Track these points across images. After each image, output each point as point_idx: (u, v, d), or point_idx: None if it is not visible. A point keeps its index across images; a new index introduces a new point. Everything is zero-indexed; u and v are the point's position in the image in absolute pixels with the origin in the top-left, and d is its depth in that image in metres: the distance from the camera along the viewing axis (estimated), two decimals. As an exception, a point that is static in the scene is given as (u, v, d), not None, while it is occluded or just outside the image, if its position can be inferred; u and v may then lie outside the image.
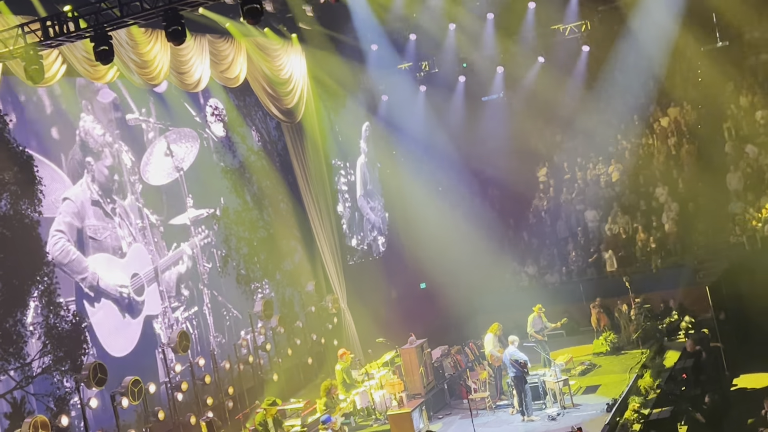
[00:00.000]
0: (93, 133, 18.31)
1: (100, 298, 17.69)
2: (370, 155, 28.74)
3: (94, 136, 18.33)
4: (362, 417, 19.89)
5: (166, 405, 18.05)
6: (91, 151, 18.21)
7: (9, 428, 14.76)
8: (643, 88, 29.44)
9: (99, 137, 18.45)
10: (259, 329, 21.75)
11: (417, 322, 23.02)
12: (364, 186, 27.55)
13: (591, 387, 20.26)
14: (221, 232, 21.80)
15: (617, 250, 26.71)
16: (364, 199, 27.38)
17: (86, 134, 18.12)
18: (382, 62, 27.92)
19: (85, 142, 18.05)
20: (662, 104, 30.01)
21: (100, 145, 18.45)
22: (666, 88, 29.90)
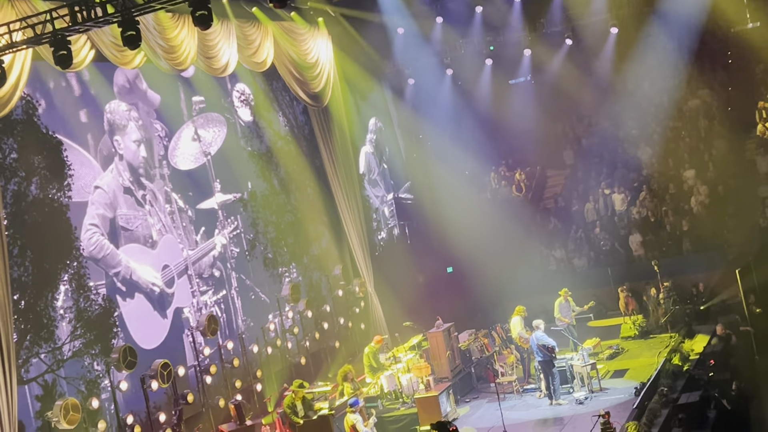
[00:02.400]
0: (118, 109, 18.38)
1: (133, 293, 17.83)
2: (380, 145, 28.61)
3: (119, 113, 18.39)
4: (389, 400, 19.95)
5: (195, 388, 18.20)
6: (118, 126, 18.29)
7: (41, 410, 14.94)
8: (672, 70, 29.12)
9: (124, 113, 18.51)
10: (286, 313, 21.85)
11: (444, 306, 23.03)
12: (369, 174, 27.53)
13: (619, 371, 20.21)
14: (248, 216, 21.88)
15: (646, 233, 26.55)
16: (368, 186, 27.37)
17: (112, 113, 18.21)
18: (408, 46, 27.82)
19: (111, 121, 18.15)
20: (691, 86, 29.68)
21: (125, 120, 18.50)
22: (695, 70, 29.57)
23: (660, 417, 16.37)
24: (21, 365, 14.73)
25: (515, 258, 26.41)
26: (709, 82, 29.53)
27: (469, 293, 25.57)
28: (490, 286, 25.23)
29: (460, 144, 28.71)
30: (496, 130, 29.76)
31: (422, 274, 27.43)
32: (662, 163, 28.38)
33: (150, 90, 19.34)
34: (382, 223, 27.92)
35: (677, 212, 26.51)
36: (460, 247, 26.16)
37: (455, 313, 22.52)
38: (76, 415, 14.46)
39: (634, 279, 24.81)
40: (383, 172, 28.54)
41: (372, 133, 28.24)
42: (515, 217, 28.27)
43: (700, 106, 29.11)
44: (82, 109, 17.63)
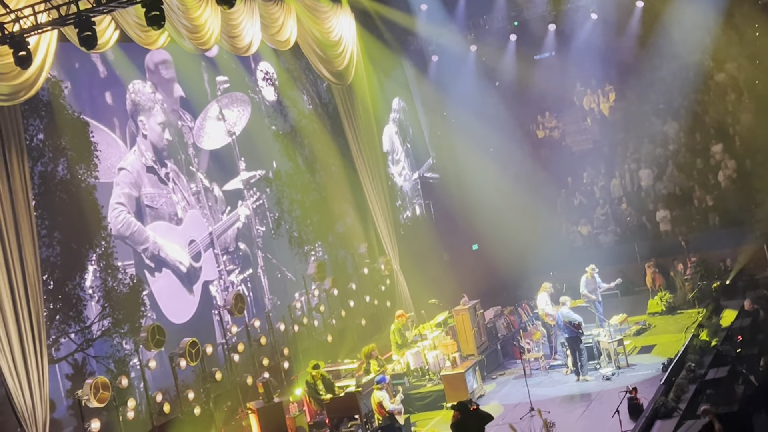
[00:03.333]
0: (143, 90, 18.46)
1: (161, 268, 17.97)
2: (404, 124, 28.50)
3: (145, 94, 18.47)
4: (416, 377, 20.02)
5: (223, 366, 18.34)
6: (143, 108, 18.37)
7: (71, 389, 15.12)
8: (698, 44, 28.79)
9: (149, 95, 18.60)
10: (312, 291, 21.93)
11: (469, 283, 23.00)
12: (393, 153, 27.47)
13: (646, 347, 20.15)
14: (273, 195, 21.94)
15: (673, 208, 26.38)
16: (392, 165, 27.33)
17: (136, 94, 18.28)
18: (432, 23, 27.68)
19: (136, 102, 18.22)
20: (718, 60, 29.33)
21: (151, 102, 18.59)
22: (722, 44, 29.20)
23: (687, 393, 16.31)
24: (51, 345, 14.89)
25: (541, 235, 26.33)
26: (736, 55, 29.17)
27: (494, 270, 25.53)
28: (516, 262, 25.18)
29: (484, 120, 28.58)
30: (520, 105, 29.58)
31: (447, 252, 27.42)
32: (689, 138, 28.14)
33: (173, 70, 19.37)
34: (407, 202, 27.90)
35: (704, 187, 26.30)
36: (485, 224, 26.11)
37: (481, 290, 22.52)
38: (105, 393, 14.62)
39: (661, 255, 24.68)
40: (407, 151, 28.50)
41: (396, 112, 28.18)
42: (540, 194, 28.16)
43: (727, 79, 28.79)
44: (108, 91, 17.71)
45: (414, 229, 27.48)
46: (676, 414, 15.42)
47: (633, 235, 26.78)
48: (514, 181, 27.90)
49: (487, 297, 22.67)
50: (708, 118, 28.23)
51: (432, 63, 29.39)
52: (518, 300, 23.20)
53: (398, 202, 27.12)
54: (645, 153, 28.69)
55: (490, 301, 22.74)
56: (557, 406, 17.14)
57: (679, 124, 28.62)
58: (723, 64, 29.12)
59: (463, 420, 13.86)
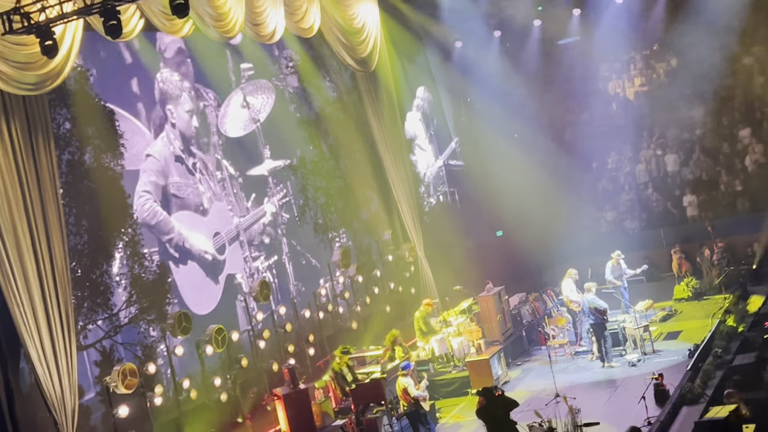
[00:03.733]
0: (171, 79, 18.53)
1: (186, 260, 18.05)
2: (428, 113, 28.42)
3: (172, 82, 18.55)
4: (441, 364, 20.06)
5: (249, 352, 18.44)
6: (171, 97, 18.44)
7: (99, 376, 15.25)
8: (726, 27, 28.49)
9: (177, 83, 18.67)
10: (337, 278, 21.98)
11: (494, 270, 22.98)
12: (415, 140, 27.40)
13: (672, 333, 20.11)
14: (298, 182, 21.97)
15: (699, 194, 26.20)
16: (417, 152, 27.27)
17: (164, 82, 18.36)
18: (455, 8, 27.55)
19: (164, 90, 18.30)
20: (746, 43, 29.03)
21: (179, 90, 18.66)
22: (750, 27, 28.89)
23: (714, 378, 16.24)
24: (79, 332, 15.02)
25: (565, 221, 26.23)
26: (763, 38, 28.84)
27: (519, 257, 25.48)
28: (540, 249, 25.12)
29: (508, 107, 28.46)
30: (545, 91, 29.42)
31: (472, 238, 27.38)
32: (715, 122, 27.90)
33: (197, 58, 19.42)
34: (431, 189, 27.87)
35: (731, 172, 26.09)
36: (510, 211, 26.05)
37: (505, 276, 22.49)
38: (133, 379, 14.73)
39: (688, 240, 24.57)
40: (431, 138, 28.44)
41: (420, 99, 28.11)
42: (565, 180, 28.05)
43: (754, 63, 28.49)
44: (133, 78, 17.78)
45: (438, 216, 27.45)
46: (703, 400, 15.36)
47: (659, 220, 26.65)
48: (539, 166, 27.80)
49: (512, 283, 22.64)
50: (735, 102, 27.98)
51: (456, 49, 29.28)
52: (543, 286, 23.17)
53: (422, 189, 27.10)
54: (671, 138, 28.49)
55: (514, 287, 22.71)
56: (582, 393, 17.09)
57: (706, 108, 28.37)
58: (750, 47, 28.81)
59: (489, 406, 13.87)
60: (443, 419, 17.78)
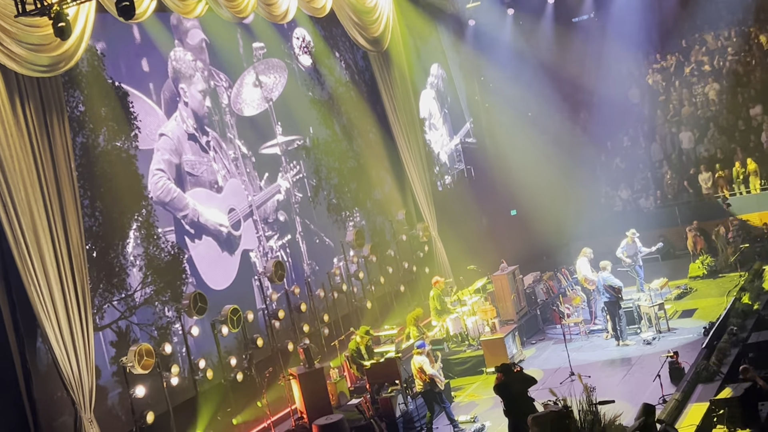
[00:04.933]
0: (184, 58, 18.52)
1: (201, 235, 18.11)
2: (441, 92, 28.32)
3: (186, 61, 18.53)
4: (455, 343, 20.10)
5: (264, 332, 18.52)
6: (184, 76, 18.44)
7: (115, 356, 15.36)
8: (741, 4, 28.26)
9: (190, 62, 18.66)
10: (351, 258, 22.02)
11: (508, 249, 22.99)
12: (429, 119, 27.31)
13: (687, 311, 20.05)
14: (311, 162, 21.98)
15: (714, 171, 26.08)
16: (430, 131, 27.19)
17: (177, 61, 18.35)
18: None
19: (177, 69, 18.29)
20: (760, 20, 28.79)
21: (192, 69, 18.65)
22: (765, 3, 28.65)
23: (730, 356, 16.20)
24: (95, 313, 15.11)
25: (580, 199, 26.19)
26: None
27: (533, 235, 25.47)
28: (555, 228, 25.09)
29: (522, 85, 28.36)
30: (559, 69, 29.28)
31: (486, 218, 27.36)
32: (731, 100, 27.73)
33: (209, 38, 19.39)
34: (446, 168, 27.82)
35: (746, 149, 25.94)
36: (524, 189, 26.01)
37: (519, 255, 22.48)
38: (149, 360, 14.83)
39: (703, 218, 24.50)
40: (445, 117, 28.36)
41: (434, 77, 28.00)
42: (579, 158, 27.95)
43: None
44: (144, 58, 17.77)
45: (452, 195, 27.42)
46: (718, 378, 15.34)
47: (674, 198, 26.56)
48: (553, 145, 27.72)
49: (526, 262, 22.63)
50: (752, 79, 27.77)
51: (469, 27, 29.15)
52: (557, 265, 23.14)
53: (436, 168, 27.06)
54: (686, 115, 28.33)
55: (529, 266, 22.71)
56: (598, 371, 17.13)
57: (721, 85, 28.21)
58: (766, 24, 28.58)
59: (507, 382, 13.90)
60: (458, 398, 17.83)
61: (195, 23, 18.86)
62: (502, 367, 14.30)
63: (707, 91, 28.41)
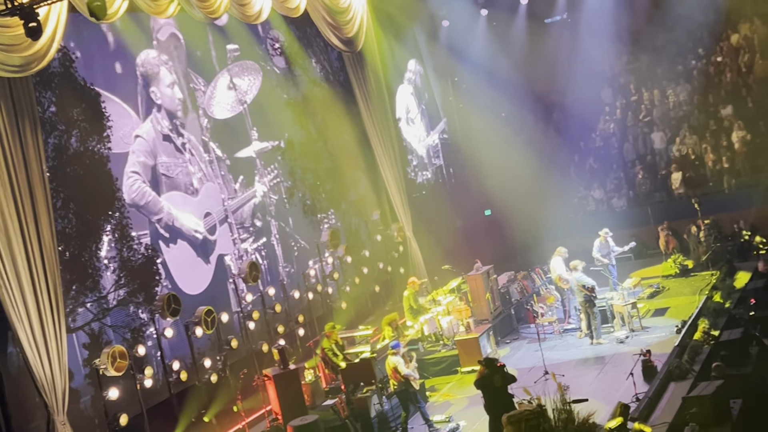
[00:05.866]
0: (148, 59, 18.39)
1: (176, 239, 18.02)
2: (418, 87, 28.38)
3: (149, 61, 18.40)
4: (430, 343, 20.13)
5: (239, 333, 18.47)
6: (151, 77, 18.32)
7: (88, 358, 15.24)
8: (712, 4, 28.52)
9: (153, 60, 18.51)
10: (326, 259, 22.01)
11: (482, 249, 23.07)
12: (406, 115, 27.34)
13: (660, 310, 20.20)
14: (286, 164, 21.95)
15: (686, 171, 26.29)
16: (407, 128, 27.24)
17: (143, 65, 18.25)
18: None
19: (144, 73, 18.21)
20: (732, 20, 29.07)
21: (156, 66, 18.50)
22: (736, 4, 28.93)
23: (702, 354, 16.37)
24: (68, 314, 15.00)
25: (553, 199, 26.31)
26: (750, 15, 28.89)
27: (507, 235, 25.57)
28: (529, 227, 25.21)
29: (495, 85, 28.46)
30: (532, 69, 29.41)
31: (460, 218, 27.43)
32: (702, 100, 27.97)
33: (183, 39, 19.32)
34: (426, 164, 27.82)
35: (717, 149, 26.18)
36: (498, 190, 26.10)
37: (494, 255, 22.57)
38: (123, 362, 14.75)
39: (675, 217, 24.68)
40: (423, 112, 28.38)
41: (411, 72, 28.01)
42: (553, 158, 28.09)
43: (740, 40, 28.54)
44: (117, 60, 17.67)
45: (427, 194, 27.48)
46: (690, 376, 15.50)
47: (646, 198, 26.74)
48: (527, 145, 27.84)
49: (501, 262, 22.72)
50: (722, 79, 28.03)
51: (443, 28, 29.21)
52: (531, 265, 23.23)
53: (415, 163, 27.10)
54: (658, 115, 28.54)
55: (503, 266, 22.80)
56: (571, 370, 17.24)
57: (692, 85, 28.45)
58: (737, 24, 28.86)
59: (489, 375, 13.99)
60: (433, 398, 17.86)
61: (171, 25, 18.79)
62: (486, 360, 14.43)
63: (679, 92, 28.63)
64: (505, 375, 14.09)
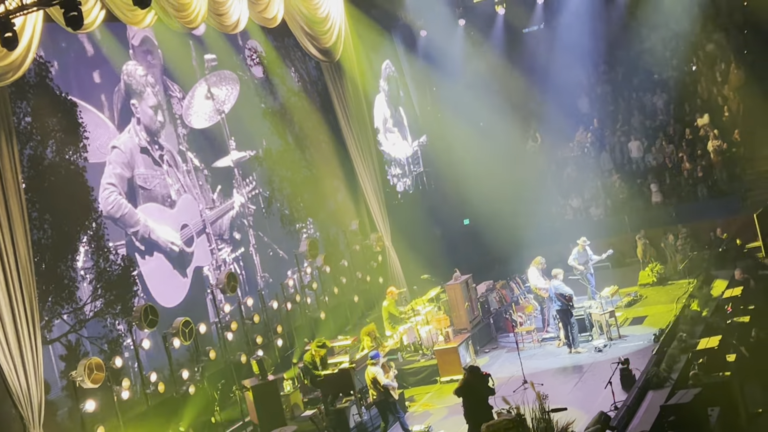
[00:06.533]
0: (135, 74, 18.38)
1: (152, 251, 17.93)
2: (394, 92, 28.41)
3: (136, 77, 18.40)
4: (409, 353, 20.10)
5: (217, 344, 18.38)
6: (135, 92, 18.31)
7: (65, 370, 15.14)
8: (687, 14, 28.76)
9: (141, 78, 18.52)
10: (305, 269, 21.95)
11: (461, 258, 23.11)
12: (384, 123, 27.36)
13: (638, 318, 20.27)
14: (264, 173, 21.90)
15: (662, 180, 26.44)
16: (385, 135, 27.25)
17: (129, 76, 18.21)
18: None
19: (128, 84, 18.16)
20: (707, 30, 29.34)
21: (142, 86, 18.52)
22: (711, 13, 29.20)
23: (679, 363, 16.41)
24: (44, 326, 14.90)
25: (532, 208, 26.38)
26: (724, 25, 29.16)
27: (486, 245, 25.60)
28: (507, 237, 25.24)
29: (474, 95, 28.53)
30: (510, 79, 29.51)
31: (439, 227, 27.44)
32: (678, 109, 28.17)
33: (161, 49, 19.27)
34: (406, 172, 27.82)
35: (694, 158, 26.36)
36: (477, 199, 26.14)
37: (473, 264, 22.60)
38: (100, 374, 14.63)
39: (652, 226, 24.80)
40: (400, 121, 28.38)
41: (384, 79, 28.02)
42: (531, 167, 28.18)
43: (715, 50, 28.78)
44: (95, 70, 17.61)
45: (407, 202, 27.47)
46: (668, 384, 15.53)
47: (623, 207, 26.86)
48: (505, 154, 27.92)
49: (480, 271, 22.74)
50: (698, 89, 28.25)
51: (420, 38, 29.28)
52: (510, 274, 23.26)
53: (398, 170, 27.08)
54: (634, 125, 28.71)
55: (482, 275, 22.80)
56: (550, 378, 17.24)
57: (669, 95, 28.65)
58: (712, 35, 29.11)
59: (473, 383, 14.00)
60: (412, 408, 17.83)
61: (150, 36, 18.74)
62: (470, 368, 14.44)
63: (655, 101, 28.82)
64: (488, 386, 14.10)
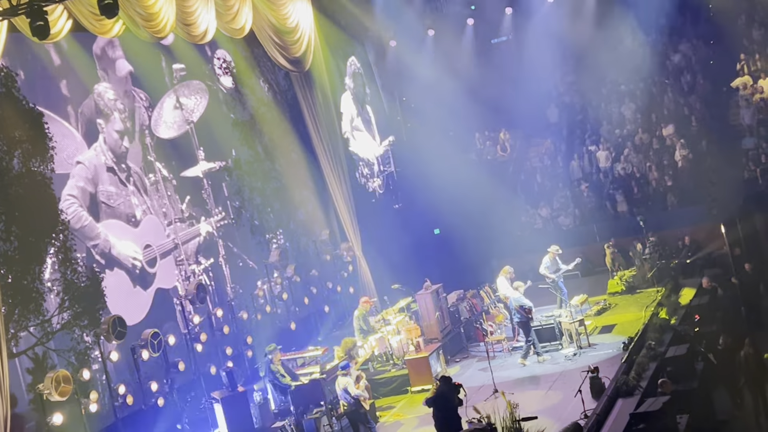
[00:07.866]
0: (105, 96, 18.30)
1: (112, 266, 17.73)
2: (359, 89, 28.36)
3: (105, 100, 18.31)
4: (380, 362, 20.06)
5: (187, 356, 18.24)
6: (102, 113, 18.20)
7: (32, 383, 14.96)
8: (654, 25, 29.05)
9: (110, 101, 18.43)
10: (275, 279, 21.87)
11: (432, 268, 23.09)
12: (350, 122, 27.30)
13: (607, 326, 20.36)
14: (234, 183, 21.82)
15: (630, 189, 26.64)
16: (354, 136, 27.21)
17: (100, 96, 18.11)
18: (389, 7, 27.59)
19: (97, 103, 18.06)
20: (674, 41, 29.66)
21: (110, 109, 18.44)
22: (677, 24, 29.50)
23: (648, 370, 16.53)
24: (10, 339, 14.71)
25: (501, 218, 26.45)
26: (690, 35, 29.48)
27: (456, 254, 25.62)
28: (477, 246, 25.30)
29: (443, 105, 28.61)
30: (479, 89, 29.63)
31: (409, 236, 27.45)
32: (645, 119, 28.41)
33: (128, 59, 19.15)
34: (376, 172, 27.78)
35: (661, 167, 26.58)
36: (447, 209, 26.17)
37: (443, 274, 22.58)
38: (67, 386, 14.47)
39: (620, 235, 24.95)
40: (367, 119, 28.32)
41: (349, 76, 27.94)
42: (500, 177, 28.28)
43: (681, 60, 29.09)
44: (62, 81, 17.47)
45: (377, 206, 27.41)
46: (638, 392, 15.63)
47: (592, 216, 27.01)
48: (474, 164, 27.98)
49: (450, 281, 22.73)
50: (664, 99, 28.51)
51: (390, 48, 29.34)
52: (480, 283, 23.29)
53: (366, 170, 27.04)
54: (603, 134, 28.92)
55: (452, 285, 22.79)
56: (520, 388, 17.29)
57: (636, 105, 28.88)
58: (678, 45, 29.42)
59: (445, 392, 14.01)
60: (384, 418, 17.79)
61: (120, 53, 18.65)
62: (442, 378, 14.47)
63: (623, 111, 29.05)
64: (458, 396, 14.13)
